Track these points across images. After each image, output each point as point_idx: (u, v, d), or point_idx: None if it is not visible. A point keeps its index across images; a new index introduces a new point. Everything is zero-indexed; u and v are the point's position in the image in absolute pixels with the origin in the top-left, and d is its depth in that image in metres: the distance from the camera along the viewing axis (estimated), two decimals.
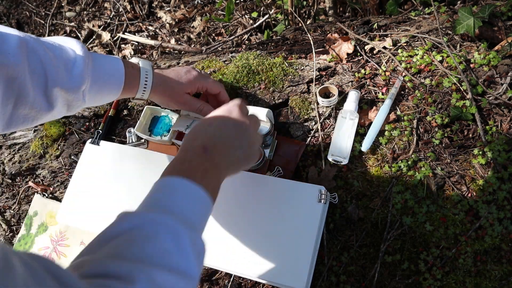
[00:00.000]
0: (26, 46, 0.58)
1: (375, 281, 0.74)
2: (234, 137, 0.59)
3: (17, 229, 0.94)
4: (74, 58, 0.63)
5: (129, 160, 0.86)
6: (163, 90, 0.76)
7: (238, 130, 0.60)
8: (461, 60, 0.85)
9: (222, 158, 0.57)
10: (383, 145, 0.81)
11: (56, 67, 0.60)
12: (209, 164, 0.56)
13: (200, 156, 0.56)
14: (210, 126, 0.60)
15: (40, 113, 0.62)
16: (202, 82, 0.80)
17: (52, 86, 0.60)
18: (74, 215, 0.84)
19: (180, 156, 0.58)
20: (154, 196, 0.53)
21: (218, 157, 0.57)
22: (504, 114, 0.80)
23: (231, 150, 0.58)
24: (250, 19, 1.77)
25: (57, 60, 0.61)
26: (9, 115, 0.58)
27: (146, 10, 2.00)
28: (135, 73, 0.72)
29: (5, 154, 0.99)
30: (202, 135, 0.59)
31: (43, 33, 2.09)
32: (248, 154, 0.62)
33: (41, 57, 0.59)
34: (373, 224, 0.77)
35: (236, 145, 0.59)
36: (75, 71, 0.62)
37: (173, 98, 0.78)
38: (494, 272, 0.72)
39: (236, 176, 0.78)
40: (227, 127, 0.60)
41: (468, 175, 0.77)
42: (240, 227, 0.75)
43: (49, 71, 0.60)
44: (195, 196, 0.53)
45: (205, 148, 0.56)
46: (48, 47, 0.62)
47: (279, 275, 0.70)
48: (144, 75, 0.73)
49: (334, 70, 0.92)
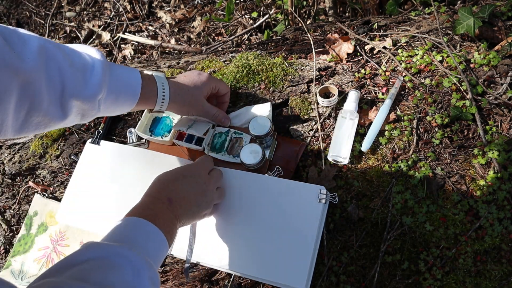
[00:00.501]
0: (45, 52, 0.57)
1: (375, 281, 0.74)
2: (195, 196, 0.67)
3: (17, 229, 0.94)
4: (92, 66, 0.62)
5: (129, 160, 0.86)
6: (182, 99, 0.76)
7: (200, 191, 0.68)
8: (461, 60, 0.85)
9: (183, 212, 0.65)
10: (383, 145, 0.81)
11: (74, 75, 0.60)
12: (171, 214, 0.63)
13: (165, 206, 0.63)
14: (177, 182, 0.67)
15: (53, 121, 0.61)
16: (215, 82, 0.80)
17: (69, 96, 0.59)
18: (74, 215, 0.84)
19: (147, 202, 0.64)
20: (120, 231, 0.58)
21: (180, 210, 0.64)
22: (504, 114, 0.80)
23: (191, 206, 0.67)
24: (250, 19, 1.77)
25: (76, 68, 0.60)
26: (21, 121, 0.57)
27: (146, 10, 2.00)
28: (151, 84, 0.71)
29: (5, 154, 0.99)
30: (170, 188, 0.66)
31: (43, 33, 2.09)
32: (202, 212, 0.70)
33: (59, 65, 0.58)
34: (373, 224, 0.77)
35: (195, 203, 0.67)
36: (93, 79, 0.62)
37: (193, 107, 0.78)
38: (494, 272, 0.72)
39: (236, 176, 0.78)
40: (192, 186, 0.68)
41: (468, 175, 0.77)
42: (240, 227, 0.75)
43: (67, 80, 0.59)
44: (157, 239, 0.59)
45: (170, 200, 0.64)
46: (68, 53, 0.61)
47: (279, 275, 0.70)
48: (161, 86, 0.72)
49: (334, 70, 0.92)
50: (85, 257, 0.50)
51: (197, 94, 0.77)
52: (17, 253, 0.89)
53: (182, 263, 0.81)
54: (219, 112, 0.82)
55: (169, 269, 0.81)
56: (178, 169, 0.71)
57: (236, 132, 0.86)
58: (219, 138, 0.87)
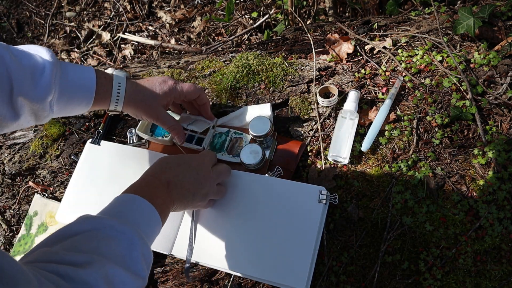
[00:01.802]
0: None
1: (375, 281, 0.74)
2: (193, 185, 0.67)
3: (17, 229, 0.94)
4: (43, 67, 0.61)
5: (129, 160, 0.86)
6: (136, 103, 0.73)
7: (198, 182, 0.68)
8: (461, 60, 0.85)
9: (178, 197, 0.66)
10: (383, 145, 0.81)
11: (22, 75, 0.59)
12: (167, 196, 0.64)
13: (163, 187, 0.64)
14: (179, 167, 0.68)
15: (6, 121, 0.60)
16: (179, 92, 0.77)
17: (17, 95, 0.58)
18: (74, 214, 0.84)
19: (146, 180, 0.65)
20: (116, 207, 0.59)
21: (176, 195, 0.65)
22: (504, 114, 0.80)
23: (187, 194, 0.67)
24: (250, 19, 1.77)
25: (24, 69, 0.60)
26: None
27: (146, 10, 2.00)
28: (107, 84, 0.70)
29: (5, 154, 0.99)
30: (171, 172, 0.66)
31: (43, 33, 2.09)
32: (197, 203, 0.70)
33: (7, 65, 0.57)
34: (373, 224, 0.77)
35: (192, 192, 0.67)
36: (42, 81, 0.61)
37: (148, 113, 0.75)
38: (494, 272, 0.72)
39: (236, 176, 0.78)
40: (192, 175, 0.68)
41: (468, 175, 0.77)
42: (240, 227, 0.75)
43: (15, 81, 0.58)
44: (152, 217, 0.59)
45: (169, 183, 0.65)
46: (16, 55, 0.60)
47: (279, 275, 0.70)
48: (116, 86, 0.70)
49: (334, 70, 0.92)
50: (80, 228, 0.51)
51: (152, 101, 0.74)
52: (17, 253, 0.89)
53: (182, 263, 0.81)
54: (176, 125, 0.79)
55: (169, 269, 0.81)
56: (182, 156, 0.71)
57: (236, 132, 0.86)
58: (219, 138, 0.87)
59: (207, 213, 0.77)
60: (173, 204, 0.65)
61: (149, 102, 0.74)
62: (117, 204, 0.59)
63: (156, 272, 0.81)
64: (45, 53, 0.63)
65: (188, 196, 0.67)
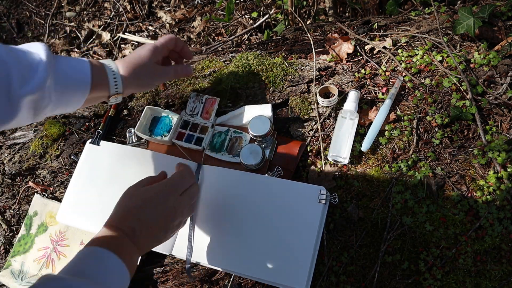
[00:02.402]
0: None
1: (375, 281, 0.74)
2: (163, 222, 0.64)
3: (17, 229, 0.94)
4: (39, 60, 0.61)
5: (129, 160, 0.86)
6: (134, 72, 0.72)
7: (168, 215, 0.65)
8: (461, 60, 0.85)
9: (146, 240, 0.63)
10: (383, 145, 0.81)
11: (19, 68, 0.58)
12: (133, 247, 0.61)
13: (128, 236, 0.61)
14: (142, 208, 0.64)
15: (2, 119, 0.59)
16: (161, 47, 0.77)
17: (17, 89, 0.58)
18: (74, 215, 0.84)
19: (109, 232, 0.61)
20: (82, 262, 0.56)
21: (143, 240, 0.62)
22: (504, 114, 0.80)
23: (157, 233, 0.64)
24: (250, 19, 1.77)
25: (21, 61, 0.59)
26: None
27: (146, 10, 2.00)
28: (100, 67, 0.69)
29: (5, 154, 0.99)
30: (134, 216, 0.63)
31: (43, 33, 2.09)
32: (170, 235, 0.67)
33: (3, 58, 0.57)
34: (373, 224, 0.77)
35: (164, 229, 0.65)
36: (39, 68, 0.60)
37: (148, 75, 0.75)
38: (494, 272, 0.72)
39: (236, 176, 0.78)
40: (159, 212, 0.64)
41: (468, 175, 0.77)
42: (240, 227, 0.75)
43: (13, 76, 0.57)
44: (119, 271, 0.57)
45: (134, 230, 0.61)
46: (11, 50, 0.60)
47: (279, 275, 0.70)
48: (109, 67, 0.70)
49: (334, 70, 0.92)
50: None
51: (146, 62, 0.74)
52: (17, 253, 0.89)
53: (182, 263, 0.81)
54: (176, 67, 0.79)
55: (169, 269, 0.81)
56: (146, 191, 0.66)
57: (235, 132, 0.86)
58: (219, 138, 0.87)
59: (207, 214, 0.77)
60: (142, 251, 0.63)
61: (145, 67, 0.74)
62: (83, 258, 0.57)
63: (156, 272, 0.81)
64: (38, 45, 0.63)
65: (158, 235, 0.64)
